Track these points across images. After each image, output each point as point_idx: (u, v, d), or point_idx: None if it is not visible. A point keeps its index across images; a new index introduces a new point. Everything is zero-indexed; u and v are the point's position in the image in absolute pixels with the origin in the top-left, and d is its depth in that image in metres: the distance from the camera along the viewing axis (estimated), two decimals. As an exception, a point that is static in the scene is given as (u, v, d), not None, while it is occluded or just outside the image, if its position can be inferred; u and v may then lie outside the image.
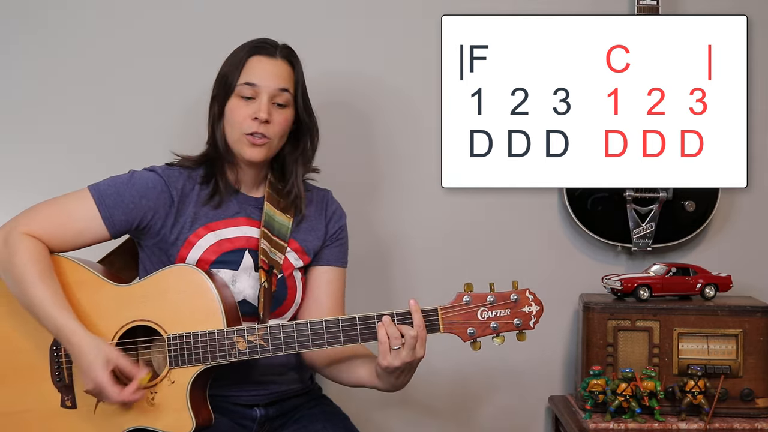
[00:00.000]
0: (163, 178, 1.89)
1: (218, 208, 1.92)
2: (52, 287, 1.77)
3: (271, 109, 1.89)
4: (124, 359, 1.74)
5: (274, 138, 1.90)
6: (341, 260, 2.05)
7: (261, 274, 1.90)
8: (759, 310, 2.23)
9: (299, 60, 1.97)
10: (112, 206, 1.84)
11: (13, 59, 2.40)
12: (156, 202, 1.87)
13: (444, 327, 1.76)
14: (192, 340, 1.77)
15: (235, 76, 1.90)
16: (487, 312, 1.76)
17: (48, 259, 1.81)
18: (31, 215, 1.84)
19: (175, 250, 1.89)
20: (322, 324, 1.76)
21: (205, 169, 1.94)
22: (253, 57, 1.91)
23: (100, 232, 1.85)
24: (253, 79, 1.89)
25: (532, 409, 2.49)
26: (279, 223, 1.96)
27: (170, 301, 1.80)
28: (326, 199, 2.06)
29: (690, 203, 2.37)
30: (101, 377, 1.71)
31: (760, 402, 2.22)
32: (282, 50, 1.94)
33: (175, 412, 1.76)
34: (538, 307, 1.78)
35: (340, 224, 2.06)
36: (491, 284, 1.78)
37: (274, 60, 1.92)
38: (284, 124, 1.92)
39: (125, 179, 1.88)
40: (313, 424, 1.94)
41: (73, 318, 1.75)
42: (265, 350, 1.77)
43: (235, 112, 1.89)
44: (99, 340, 1.74)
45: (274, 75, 1.90)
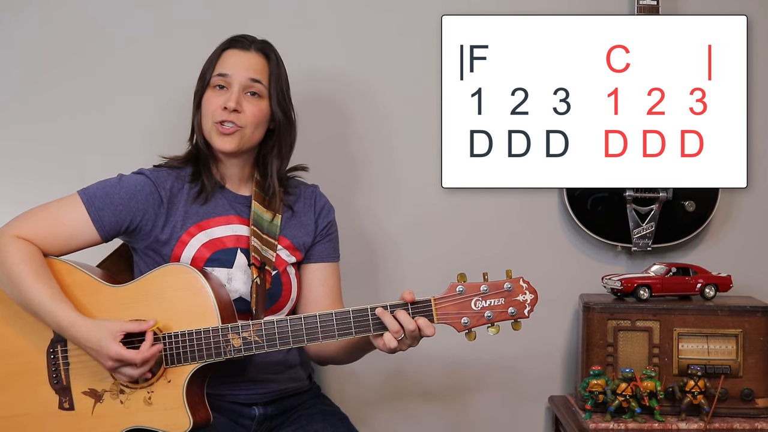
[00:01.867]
0: (152, 180, 1.91)
1: (206, 204, 1.94)
2: (48, 284, 1.78)
3: (243, 98, 1.92)
4: (127, 323, 1.76)
5: (245, 127, 1.92)
6: (333, 255, 2.07)
7: (253, 270, 1.91)
8: (759, 310, 2.23)
9: (277, 55, 1.99)
10: (101, 209, 1.86)
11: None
12: (145, 203, 1.89)
13: (438, 317, 1.75)
14: (186, 338, 1.77)
15: (210, 70, 1.94)
16: (481, 301, 1.76)
17: (41, 259, 1.82)
18: (21, 221, 1.86)
19: (169, 250, 1.90)
20: (316, 318, 1.76)
21: (192, 168, 1.96)
22: (227, 50, 1.96)
23: (90, 235, 1.87)
24: (224, 70, 1.93)
25: (532, 409, 2.49)
26: (267, 221, 1.97)
27: (165, 300, 1.80)
28: (314, 194, 2.07)
29: (690, 203, 2.37)
30: (114, 348, 1.72)
31: (760, 402, 2.22)
32: (257, 44, 1.98)
33: (171, 411, 1.76)
34: (532, 295, 1.77)
35: (329, 219, 2.07)
36: (485, 274, 1.77)
37: (248, 52, 1.95)
38: (257, 114, 1.93)
39: (114, 182, 1.90)
40: (312, 423, 1.95)
41: (72, 310, 1.76)
42: (259, 346, 1.77)
43: (208, 102, 1.93)
44: (97, 321, 1.76)
45: (245, 66, 1.93)
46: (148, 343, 1.74)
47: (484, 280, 1.77)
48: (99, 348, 1.73)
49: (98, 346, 1.73)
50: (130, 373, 1.75)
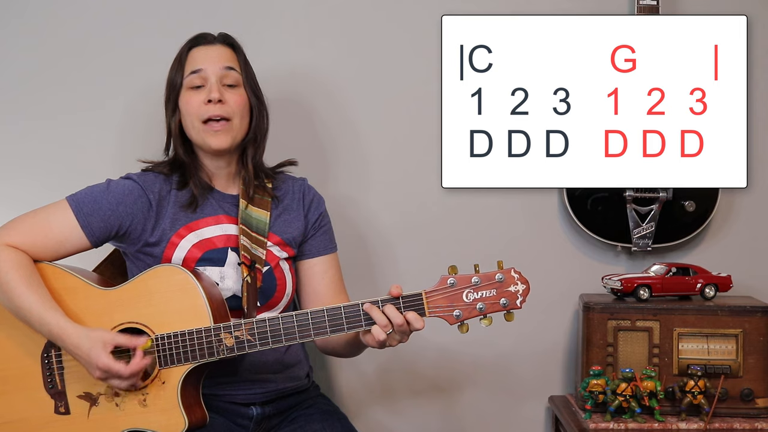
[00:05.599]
0: (139, 184, 1.91)
1: (197, 210, 1.94)
2: (38, 291, 1.79)
3: (223, 90, 1.92)
4: (119, 336, 1.76)
5: (233, 118, 1.93)
6: (329, 247, 2.07)
7: (243, 269, 1.91)
8: (759, 310, 2.23)
9: (239, 43, 2.00)
10: (89, 214, 1.86)
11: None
12: (133, 207, 1.89)
13: (429, 311, 1.75)
14: (179, 339, 1.77)
15: (180, 73, 1.95)
16: (472, 293, 1.75)
17: (32, 266, 1.82)
18: (10, 227, 1.86)
19: (159, 252, 1.90)
20: (307, 315, 1.76)
21: (179, 176, 1.96)
22: (192, 49, 1.97)
23: (80, 241, 1.87)
24: (196, 66, 1.94)
25: (532, 409, 2.49)
26: (256, 219, 1.97)
27: (157, 301, 1.80)
28: (303, 187, 2.07)
29: (690, 203, 2.37)
30: (103, 360, 1.72)
31: (760, 402, 2.22)
32: (220, 37, 1.99)
33: (166, 412, 1.76)
34: (524, 286, 1.76)
35: (320, 211, 2.06)
36: (476, 265, 1.77)
37: (214, 46, 1.97)
38: (240, 101, 1.94)
39: (102, 188, 1.90)
40: (311, 423, 1.95)
41: (62, 317, 1.77)
42: (252, 345, 1.76)
43: (188, 102, 1.93)
44: (89, 330, 1.76)
45: (216, 57, 1.95)
46: (138, 357, 1.74)
47: (475, 271, 1.76)
48: (88, 357, 1.73)
49: (87, 356, 1.73)
50: (116, 385, 1.76)
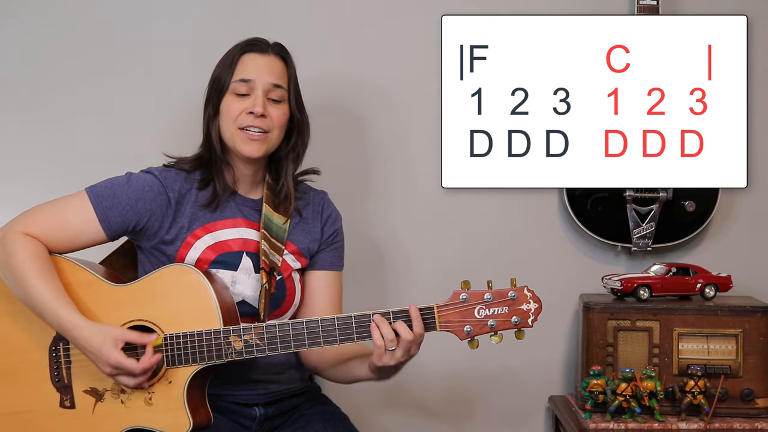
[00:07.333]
0: (160, 180, 1.89)
1: (216, 210, 1.93)
2: (52, 283, 1.78)
3: (267, 103, 1.90)
4: (130, 332, 1.75)
5: (272, 131, 1.91)
6: (337, 264, 2.05)
7: (262, 275, 1.90)
8: (759, 310, 2.23)
9: (291, 57, 1.98)
10: (108, 208, 1.85)
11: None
12: (152, 204, 1.87)
13: (440, 325, 1.74)
14: (188, 339, 1.77)
15: (229, 75, 1.91)
16: (484, 310, 1.75)
17: (47, 257, 1.81)
18: (28, 217, 1.84)
19: (174, 250, 1.89)
20: (318, 322, 1.75)
21: (202, 173, 1.94)
22: (245, 54, 1.93)
23: (97, 234, 1.86)
24: (246, 75, 1.90)
25: (531, 409, 2.49)
26: (276, 225, 1.96)
27: (168, 300, 1.80)
28: (323, 201, 2.06)
29: (690, 203, 2.37)
30: (114, 356, 1.71)
31: (760, 402, 2.22)
32: (274, 47, 1.96)
33: (172, 411, 1.76)
34: (536, 305, 1.76)
35: (336, 227, 2.05)
36: (489, 282, 1.77)
37: (267, 56, 1.93)
38: (282, 118, 1.93)
39: (122, 181, 1.88)
40: (313, 424, 1.94)
41: (75, 311, 1.76)
42: (261, 349, 1.76)
43: (230, 108, 1.90)
44: (100, 325, 1.75)
45: (267, 70, 1.92)
46: (149, 353, 1.73)
47: (488, 287, 1.76)
48: (99, 353, 1.73)
49: (99, 351, 1.73)
50: (126, 382, 1.75)
